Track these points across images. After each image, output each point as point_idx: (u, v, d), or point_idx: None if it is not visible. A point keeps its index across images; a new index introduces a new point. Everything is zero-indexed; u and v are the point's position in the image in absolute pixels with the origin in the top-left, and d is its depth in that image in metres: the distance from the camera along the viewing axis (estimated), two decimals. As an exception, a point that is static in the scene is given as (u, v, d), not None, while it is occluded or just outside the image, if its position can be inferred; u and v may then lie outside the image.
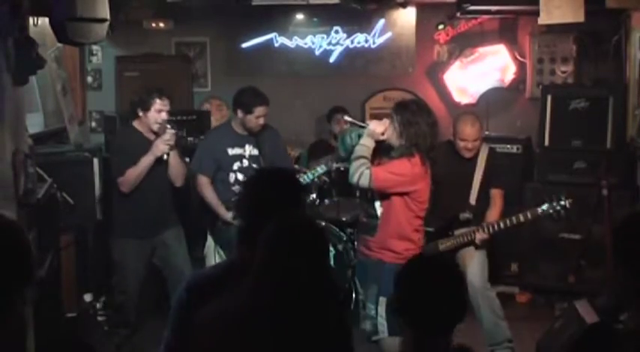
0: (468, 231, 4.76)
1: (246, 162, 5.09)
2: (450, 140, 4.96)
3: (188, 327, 2.38)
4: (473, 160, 4.91)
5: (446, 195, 4.79)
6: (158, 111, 4.82)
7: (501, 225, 4.72)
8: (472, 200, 4.89)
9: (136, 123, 4.89)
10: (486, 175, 4.91)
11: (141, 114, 4.85)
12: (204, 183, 5.05)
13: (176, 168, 4.88)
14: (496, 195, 4.90)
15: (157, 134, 4.84)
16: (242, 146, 5.08)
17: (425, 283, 2.14)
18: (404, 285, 2.18)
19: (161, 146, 4.75)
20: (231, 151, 5.07)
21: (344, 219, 5.59)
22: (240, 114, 5.01)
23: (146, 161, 4.75)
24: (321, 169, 5.25)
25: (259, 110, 4.97)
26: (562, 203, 4.63)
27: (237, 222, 5.02)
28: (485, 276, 4.82)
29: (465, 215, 4.84)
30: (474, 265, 4.77)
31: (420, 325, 2.12)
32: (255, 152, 5.10)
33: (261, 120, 5.02)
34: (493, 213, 4.82)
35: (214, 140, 5.17)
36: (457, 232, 4.79)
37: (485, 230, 4.71)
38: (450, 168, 4.84)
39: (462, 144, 4.85)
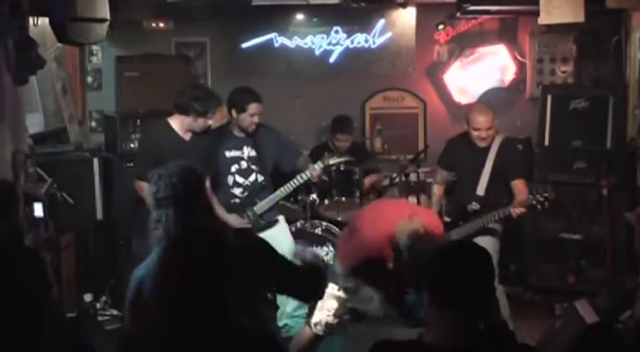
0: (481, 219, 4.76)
1: (244, 164, 5.08)
2: (467, 132, 4.99)
3: None
4: (486, 151, 4.92)
5: (459, 186, 4.79)
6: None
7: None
8: (480, 191, 4.87)
9: (172, 120, 4.77)
10: (498, 166, 4.90)
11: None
12: None
13: None
14: (517, 186, 4.84)
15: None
16: (240, 148, 5.07)
17: (460, 264, 2.17)
18: (440, 272, 2.19)
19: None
20: (228, 154, 5.06)
21: (344, 219, 5.58)
22: (234, 113, 4.99)
23: None
24: (318, 167, 5.22)
25: (252, 107, 4.93)
26: (545, 195, 4.60)
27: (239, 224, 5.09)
28: None
29: (472, 206, 4.83)
30: None
31: (459, 305, 2.13)
32: (254, 153, 5.08)
33: (256, 119, 4.97)
34: (519, 201, 4.72)
35: (212, 144, 5.15)
36: (467, 224, 4.79)
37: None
38: (465, 158, 4.89)
39: (475, 133, 4.89)
